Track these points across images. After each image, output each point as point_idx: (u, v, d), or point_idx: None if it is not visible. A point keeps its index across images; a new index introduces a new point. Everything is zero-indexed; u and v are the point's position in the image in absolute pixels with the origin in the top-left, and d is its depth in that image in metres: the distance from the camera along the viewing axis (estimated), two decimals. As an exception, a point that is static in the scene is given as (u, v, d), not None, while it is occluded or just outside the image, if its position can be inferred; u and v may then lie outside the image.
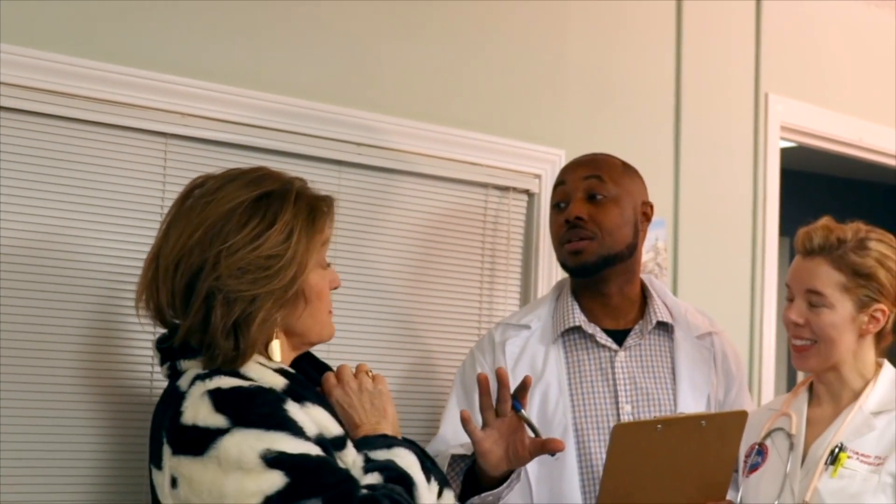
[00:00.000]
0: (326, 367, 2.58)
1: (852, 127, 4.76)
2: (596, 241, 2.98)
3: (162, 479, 2.26)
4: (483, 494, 2.67)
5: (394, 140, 3.32)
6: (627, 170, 3.10)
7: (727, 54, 4.31)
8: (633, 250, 3.05)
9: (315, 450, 2.22)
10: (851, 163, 5.46)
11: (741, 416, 2.70)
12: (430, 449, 2.84)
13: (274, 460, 2.17)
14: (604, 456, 2.65)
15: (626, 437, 2.55)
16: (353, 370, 2.52)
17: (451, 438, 2.94)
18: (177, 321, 2.34)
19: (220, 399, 2.22)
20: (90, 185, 2.83)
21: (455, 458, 2.76)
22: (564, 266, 3.06)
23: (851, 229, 2.88)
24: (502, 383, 2.58)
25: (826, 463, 2.81)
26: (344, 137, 3.21)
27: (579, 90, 3.82)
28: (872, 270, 2.83)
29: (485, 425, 2.60)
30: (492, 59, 3.59)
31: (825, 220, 2.91)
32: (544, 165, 3.65)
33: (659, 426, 2.58)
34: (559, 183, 3.08)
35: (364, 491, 2.23)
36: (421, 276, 3.42)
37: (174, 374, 2.35)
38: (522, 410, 2.60)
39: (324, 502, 2.16)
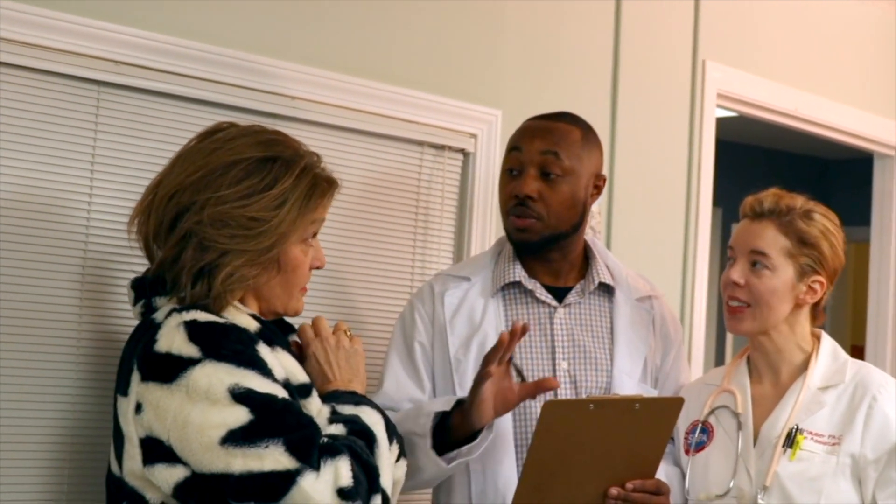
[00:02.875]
0: (292, 328, 2.62)
1: (788, 97, 4.79)
2: (541, 222, 2.96)
3: (126, 405, 2.31)
4: (466, 447, 2.74)
5: (330, 95, 3.30)
6: (587, 142, 3.04)
7: (666, 20, 4.32)
8: (577, 228, 3.04)
9: (282, 392, 2.29)
10: (786, 135, 5.51)
11: (677, 403, 2.70)
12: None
13: (241, 396, 2.23)
14: (538, 410, 2.66)
15: (556, 414, 2.54)
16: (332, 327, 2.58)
17: (395, 394, 2.98)
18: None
19: (195, 330, 2.27)
20: (20, 131, 2.77)
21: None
22: (508, 235, 3.05)
23: (800, 199, 2.91)
24: (510, 340, 2.68)
25: (784, 446, 2.82)
26: (279, 90, 3.19)
27: (517, 51, 3.81)
28: (817, 240, 2.86)
29: (487, 376, 2.68)
30: (431, 17, 3.57)
31: (774, 189, 2.94)
32: (480, 125, 3.65)
33: (591, 406, 2.57)
34: (514, 147, 3.02)
35: (326, 439, 2.29)
36: (354, 234, 3.40)
37: (149, 311, 2.40)
38: (514, 359, 2.73)
39: (285, 444, 2.22)
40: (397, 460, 2.47)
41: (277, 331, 2.49)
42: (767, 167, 9.04)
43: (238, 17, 3.14)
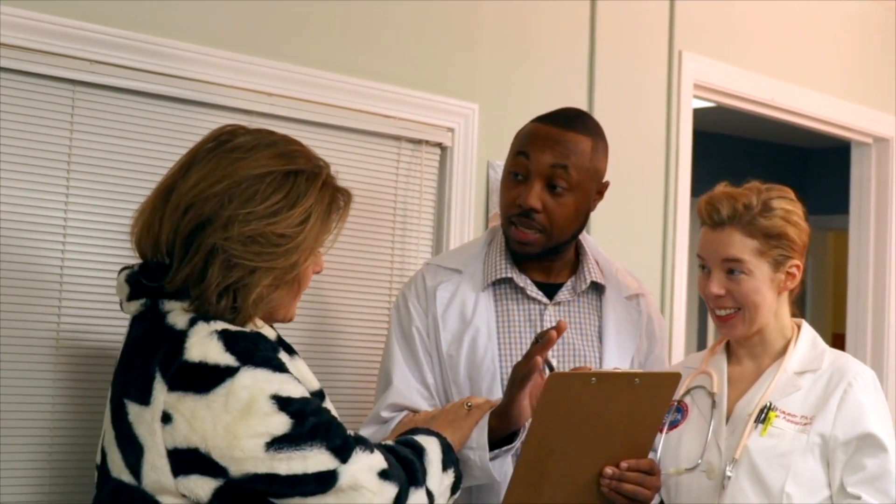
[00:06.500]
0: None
1: (765, 86, 4.80)
2: (544, 235, 2.95)
3: (149, 414, 2.24)
4: (505, 448, 2.75)
5: (306, 91, 3.30)
6: (596, 152, 2.99)
7: (642, 11, 4.32)
8: (577, 234, 3.04)
9: (308, 395, 2.31)
10: (764, 125, 5.52)
11: (674, 378, 2.71)
12: (388, 401, 2.92)
13: (282, 402, 2.23)
14: None
15: (559, 387, 2.55)
16: None
17: (405, 388, 2.96)
18: (165, 261, 2.32)
19: (229, 339, 2.25)
20: (-5, 132, 2.77)
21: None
22: (507, 240, 3.02)
23: (753, 192, 2.88)
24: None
25: (756, 421, 2.84)
26: (255, 87, 3.19)
27: (493, 44, 3.82)
28: (783, 230, 2.85)
29: (532, 372, 2.67)
30: (406, 11, 3.57)
31: (724, 188, 2.92)
32: (457, 119, 3.65)
33: (593, 379, 2.57)
34: (521, 152, 2.96)
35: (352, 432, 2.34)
36: (333, 230, 3.39)
37: (153, 313, 2.33)
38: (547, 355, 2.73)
39: (327, 446, 2.25)
40: (453, 493, 2.51)
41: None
42: (747, 157, 9.06)
43: (214, 15, 3.14)
